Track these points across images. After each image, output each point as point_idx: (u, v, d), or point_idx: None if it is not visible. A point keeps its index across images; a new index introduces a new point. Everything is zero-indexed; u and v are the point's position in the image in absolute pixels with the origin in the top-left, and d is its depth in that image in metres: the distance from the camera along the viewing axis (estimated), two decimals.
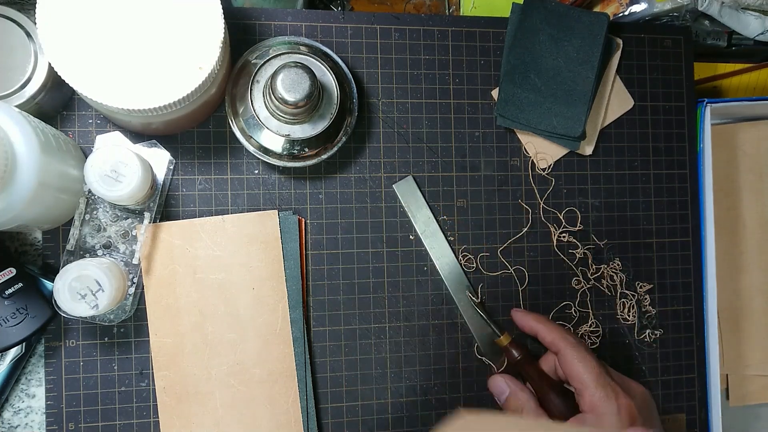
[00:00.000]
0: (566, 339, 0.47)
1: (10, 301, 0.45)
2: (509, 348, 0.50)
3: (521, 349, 0.50)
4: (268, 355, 0.49)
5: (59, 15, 0.39)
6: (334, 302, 0.51)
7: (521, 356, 0.50)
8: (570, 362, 0.46)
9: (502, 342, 0.51)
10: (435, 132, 0.54)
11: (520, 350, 0.50)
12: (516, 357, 0.50)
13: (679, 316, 0.57)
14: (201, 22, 0.41)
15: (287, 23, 0.52)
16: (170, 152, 0.49)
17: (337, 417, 0.51)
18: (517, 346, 0.50)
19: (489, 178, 0.54)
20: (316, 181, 0.52)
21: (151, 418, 0.48)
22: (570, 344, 0.47)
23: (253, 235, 0.49)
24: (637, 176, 0.57)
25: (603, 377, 0.45)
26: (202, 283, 0.48)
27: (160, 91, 0.40)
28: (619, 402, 0.44)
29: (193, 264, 0.48)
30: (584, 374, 0.45)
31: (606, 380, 0.45)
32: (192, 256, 0.48)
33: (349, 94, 0.50)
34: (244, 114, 0.47)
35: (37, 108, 0.45)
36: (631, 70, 0.57)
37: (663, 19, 0.59)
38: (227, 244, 0.49)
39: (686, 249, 0.58)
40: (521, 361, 0.50)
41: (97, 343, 0.48)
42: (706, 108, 0.57)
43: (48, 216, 0.44)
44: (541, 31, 0.54)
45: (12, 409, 0.48)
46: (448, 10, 0.61)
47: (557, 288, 0.55)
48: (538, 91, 0.53)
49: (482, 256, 0.54)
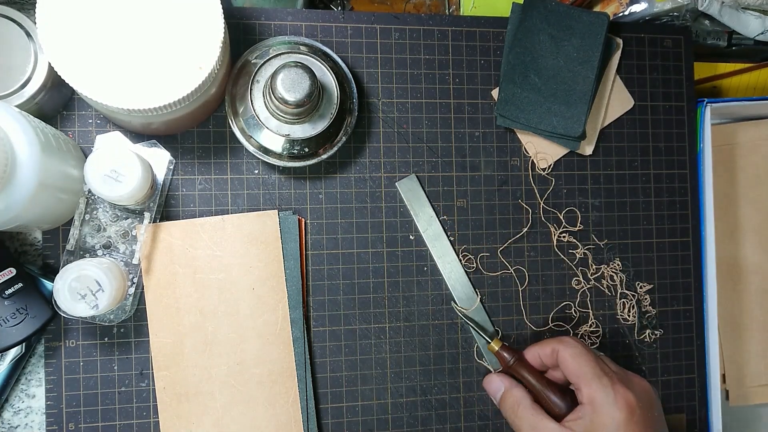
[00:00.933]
0: (561, 340, 0.48)
1: (10, 301, 0.45)
2: (501, 352, 0.50)
3: (513, 352, 0.50)
4: (268, 355, 0.49)
5: (59, 15, 0.39)
6: (334, 302, 0.51)
7: (514, 359, 0.49)
8: (566, 360, 0.46)
9: (493, 348, 0.50)
10: (435, 132, 0.54)
11: (512, 353, 0.49)
12: (508, 360, 0.49)
13: (679, 316, 0.57)
14: (201, 22, 0.41)
15: (287, 23, 0.52)
16: (170, 152, 0.49)
17: (337, 417, 0.51)
18: (508, 350, 0.50)
19: (489, 178, 0.54)
20: (316, 181, 0.52)
21: (151, 418, 0.48)
22: (564, 343, 0.47)
23: (253, 235, 0.49)
24: (637, 176, 0.57)
25: (599, 369, 0.45)
26: (202, 283, 0.48)
27: (160, 91, 0.40)
28: (616, 390, 0.44)
29: (193, 264, 0.48)
30: (581, 368, 0.45)
31: (603, 371, 0.45)
32: (192, 256, 0.48)
33: (349, 94, 0.50)
34: (244, 114, 0.47)
35: (37, 108, 0.45)
36: (631, 70, 0.57)
37: (663, 19, 0.59)
38: (227, 244, 0.49)
39: (686, 249, 0.58)
40: (514, 365, 0.49)
41: (97, 343, 0.48)
42: (706, 108, 0.57)
43: (48, 216, 0.44)
44: (541, 31, 0.54)
45: (12, 409, 0.48)
46: (448, 9, 0.61)
47: (557, 288, 0.55)
48: (538, 91, 0.53)
49: (482, 256, 0.54)
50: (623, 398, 0.44)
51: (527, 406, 0.47)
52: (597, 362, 0.46)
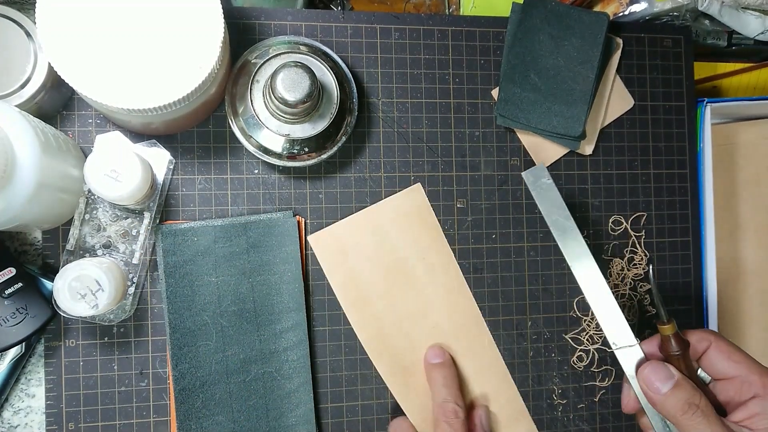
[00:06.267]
0: (714, 332, 0.44)
1: (10, 300, 0.45)
2: (671, 338, 0.43)
3: (683, 344, 0.43)
4: (454, 310, 0.53)
5: (59, 15, 0.39)
6: (334, 302, 0.51)
7: (681, 351, 0.43)
8: (728, 351, 0.42)
9: (667, 330, 0.43)
10: (435, 132, 0.54)
11: (681, 344, 0.43)
12: (675, 351, 0.43)
13: (679, 317, 0.57)
14: (201, 21, 0.41)
15: (287, 23, 0.52)
16: (170, 152, 0.49)
17: (337, 417, 0.51)
18: (679, 339, 0.43)
19: (489, 178, 0.54)
20: (316, 181, 0.52)
21: (151, 417, 0.48)
22: (720, 336, 0.43)
23: (407, 210, 0.53)
24: (637, 176, 0.57)
25: (756, 361, 0.42)
26: (379, 268, 0.52)
27: (160, 91, 0.40)
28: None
29: (366, 255, 0.52)
30: (746, 359, 0.42)
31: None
32: (363, 249, 0.52)
33: (349, 93, 0.50)
34: (244, 114, 0.47)
35: (37, 108, 0.45)
36: (631, 69, 0.57)
37: (663, 18, 0.59)
38: (389, 228, 0.52)
39: (686, 249, 0.58)
40: (678, 356, 0.43)
41: (97, 343, 0.48)
42: (706, 108, 0.57)
43: (48, 216, 0.44)
44: (541, 31, 0.54)
45: (12, 409, 0.48)
46: (448, 9, 0.61)
47: (557, 288, 0.55)
48: (538, 91, 0.53)
49: (482, 256, 0.54)
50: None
51: (707, 407, 0.40)
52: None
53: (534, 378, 0.55)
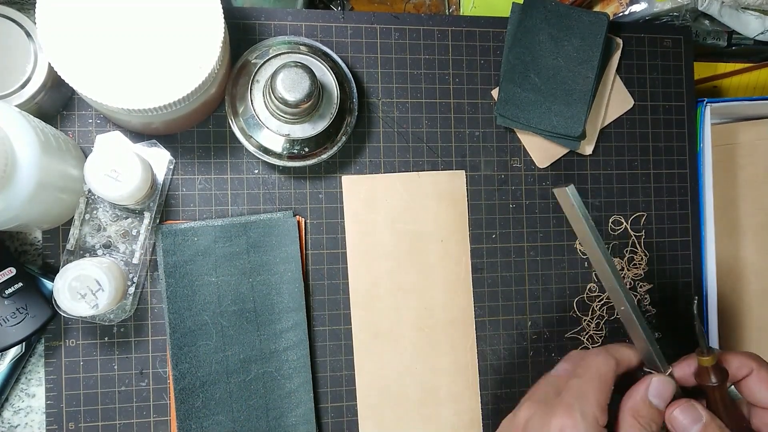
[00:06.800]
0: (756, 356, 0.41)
1: (10, 300, 0.45)
2: (710, 370, 0.40)
3: (721, 375, 0.40)
4: (451, 302, 0.53)
5: (59, 15, 0.39)
6: (334, 302, 0.51)
7: (719, 383, 0.40)
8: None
9: (706, 362, 0.40)
10: (435, 132, 0.54)
11: (719, 377, 0.40)
12: (713, 383, 0.40)
13: (680, 317, 0.57)
14: (201, 22, 0.41)
15: (287, 23, 0.52)
16: (170, 152, 0.49)
17: (337, 417, 0.51)
18: (718, 371, 0.40)
19: (489, 178, 0.54)
20: (316, 180, 0.52)
21: (151, 417, 0.48)
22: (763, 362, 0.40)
23: (443, 191, 0.53)
24: (637, 176, 0.57)
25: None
26: (397, 232, 0.52)
27: (160, 91, 0.40)
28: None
29: (391, 214, 0.52)
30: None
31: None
32: (390, 207, 0.52)
33: (349, 93, 0.50)
34: (244, 114, 0.47)
35: (37, 108, 0.45)
36: (631, 69, 0.57)
37: (663, 18, 0.59)
38: (421, 199, 0.53)
39: (686, 249, 0.58)
40: (716, 388, 0.40)
41: (97, 343, 0.48)
42: (706, 108, 0.57)
43: (48, 216, 0.44)
44: (541, 31, 0.54)
45: (12, 408, 0.48)
46: (448, 9, 0.61)
47: (557, 288, 0.55)
48: (538, 91, 0.53)
49: (482, 256, 0.54)
50: None
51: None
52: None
53: (534, 378, 0.54)
